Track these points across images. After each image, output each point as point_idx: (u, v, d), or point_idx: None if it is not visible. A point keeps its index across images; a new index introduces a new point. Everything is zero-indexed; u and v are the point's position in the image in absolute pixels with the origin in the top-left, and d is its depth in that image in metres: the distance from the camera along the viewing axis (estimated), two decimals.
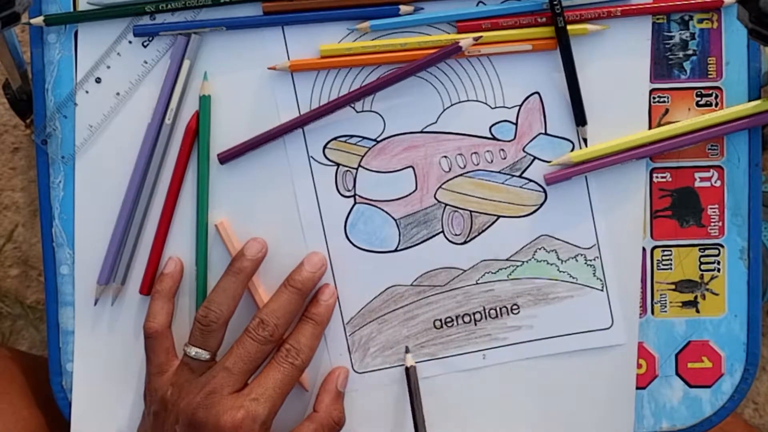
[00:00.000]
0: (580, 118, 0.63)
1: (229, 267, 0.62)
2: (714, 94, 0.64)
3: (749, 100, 0.63)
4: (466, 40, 0.62)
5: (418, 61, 0.62)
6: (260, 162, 0.63)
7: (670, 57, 0.63)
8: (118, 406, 0.65)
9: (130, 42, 0.63)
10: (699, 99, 0.64)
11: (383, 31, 0.63)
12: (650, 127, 0.64)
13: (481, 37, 0.62)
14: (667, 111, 0.64)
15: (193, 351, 0.60)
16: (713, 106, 0.64)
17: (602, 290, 0.65)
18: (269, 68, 0.63)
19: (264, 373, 0.60)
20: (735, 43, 0.63)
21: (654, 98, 0.64)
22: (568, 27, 0.61)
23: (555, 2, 0.61)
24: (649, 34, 0.63)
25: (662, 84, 0.64)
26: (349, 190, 0.64)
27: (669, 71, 0.64)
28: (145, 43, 0.63)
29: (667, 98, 0.64)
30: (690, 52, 0.63)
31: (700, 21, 0.63)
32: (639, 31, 0.63)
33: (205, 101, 0.63)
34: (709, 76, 0.64)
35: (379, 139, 0.64)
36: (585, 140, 0.63)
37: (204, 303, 0.61)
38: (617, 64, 0.63)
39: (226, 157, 0.63)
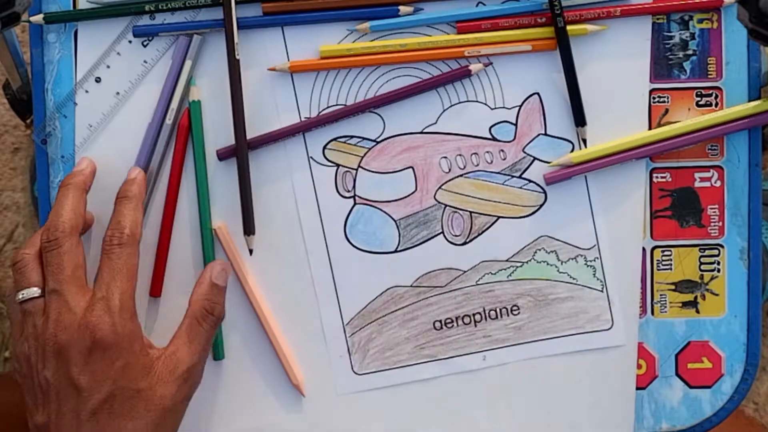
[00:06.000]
0: (579, 118, 0.63)
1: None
2: (714, 94, 0.64)
3: (749, 100, 0.63)
4: (476, 65, 0.62)
5: (424, 81, 0.63)
6: (259, 162, 0.63)
7: (670, 57, 0.63)
8: None
9: (129, 41, 0.63)
10: (699, 99, 0.64)
11: (383, 31, 0.63)
12: (650, 127, 0.64)
13: (490, 63, 0.63)
14: (667, 111, 0.64)
15: (20, 295, 0.58)
16: (713, 106, 0.64)
17: (602, 291, 0.65)
18: (269, 69, 0.63)
19: (99, 270, 0.57)
20: (735, 43, 0.63)
21: (654, 98, 0.64)
22: (568, 27, 0.61)
23: (555, 2, 0.61)
24: (649, 34, 0.63)
25: (662, 84, 0.64)
26: (348, 191, 0.64)
27: (669, 71, 0.64)
28: (145, 43, 0.63)
29: (667, 98, 0.64)
30: (690, 52, 0.63)
31: (700, 21, 0.63)
32: (639, 31, 0.63)
33: (195, 106, 0.63)
34: (709, 76, 0.64)
35: (378, 140, 0.64)
36: (584, 141, 0.63)
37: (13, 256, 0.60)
38: (617, 64, 0.63)
39: (224, 154, 0.63)
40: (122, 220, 0.59)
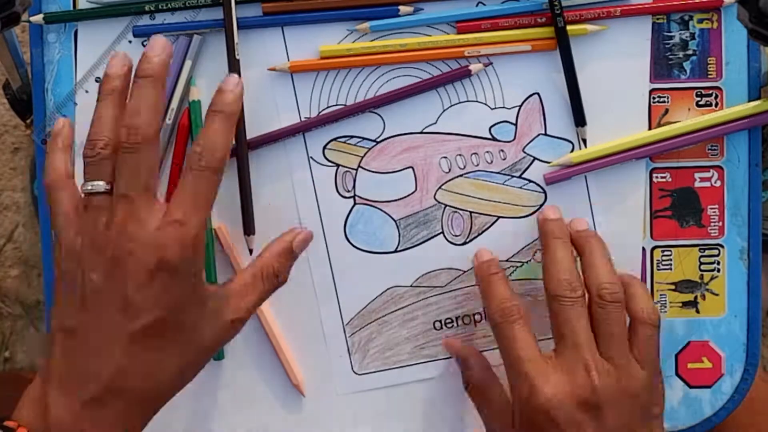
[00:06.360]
0: (579, 118, 0.63)
1: (101, 89, 0.56)
2: (714, 94, 0.64)
3: (749, 100, 0.63)
4: (476, 65, 0.62)
5: (424, 81, 0.62)
6: (259, 162, 0.63)
7: (670, 57, 0.63)
8: None
9: (130, 42, 0.63)
10: (699, 99, 0.64)
11: (383, 31, 0.63)
12: (650, 127, 0.64)
13: (490, 63, 0.63)
14: (667, 111, 0.64)
15: (89, 185, 0.54)
16: (713, 106, 0.64)
17: None
18: (269, 69, 0.63)
19: (180, 187, 0.54)
20: (735, 43, 0.63)
21: (654, 98, 0.64)
22: (568, 27, 0.61)
23: (555, 2, 0.61)
24: (649, 34, 0.63)
25: (662, 84, 0.64)
26: (348, 191, 0.64)
27: (669, 71, 0.64)
28: (145, 43, 0.63)
29: (667, 98, 0.64)
30: (690, 52, 0.63)
31: (700, 21, 0.63)
32: (639, 31, 0.63)
33: (195, 106, 0.63)
34: (709, 76, 0.64)
35: (378, 140, 0.64)
36: (584, 141, 0.63)
37: (87, 140, 0.55)
38: (617, 64, 0.63)
39: None
40: (217, 140, 0.54)
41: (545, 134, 0.64)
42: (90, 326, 0.53)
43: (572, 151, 0.64)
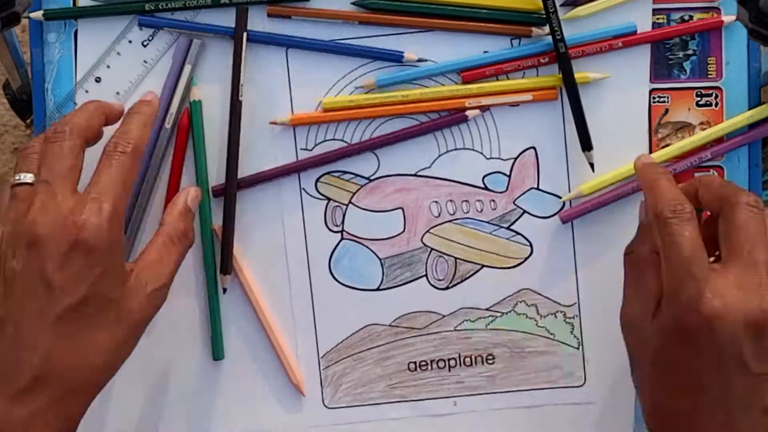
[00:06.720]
0: (585, 143, 0.62)
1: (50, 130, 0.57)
2: (714, 94, 0.64)
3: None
4: (472, 111, 0.62)
5: (421, 125, 0.62)
6: (250, 190, 0.63)
7: (670, 57, 0.63)
8: (117, 405, 0.65)
9: (130, 41, 0.63)
10: (699, 99, 0.64)
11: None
12: (650, 127, 0.63)
13: (488, 108, 0.62)
14: (667, 111, 0.64)
15: (16, 177, 0.55)
16: (713, 106, 0.64)
17: (578, 348, 0.64)
18: (270, 123, 0.62)
19: (97, 173, 0.55)
20: (735, 43, 0.63)
21: (654, 98, 0.64)
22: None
23: (555, 29, 0.60)
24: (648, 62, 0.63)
25: (662, 84, 0.63)
26: (337, 226, 0.64)
27: (669, 71, 0.63)
28: (145, 43, 0.63)
29: (667, 98, 0.64)
30: (690, 52, 0.63)
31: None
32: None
33: (195, 106, 0.63)
34: (709, 76, 0.63)
35: (372, 178, 0.64)
36: (592, 165, 0.62)
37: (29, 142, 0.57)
38: (617, 64, 0.63)
39: (219, 192, 0.63)
40: (131, 131, 0.57)
41: (537, 188, 0.64)
42: (14, 315, 0.52)
43: (562, 208, 0.64)
